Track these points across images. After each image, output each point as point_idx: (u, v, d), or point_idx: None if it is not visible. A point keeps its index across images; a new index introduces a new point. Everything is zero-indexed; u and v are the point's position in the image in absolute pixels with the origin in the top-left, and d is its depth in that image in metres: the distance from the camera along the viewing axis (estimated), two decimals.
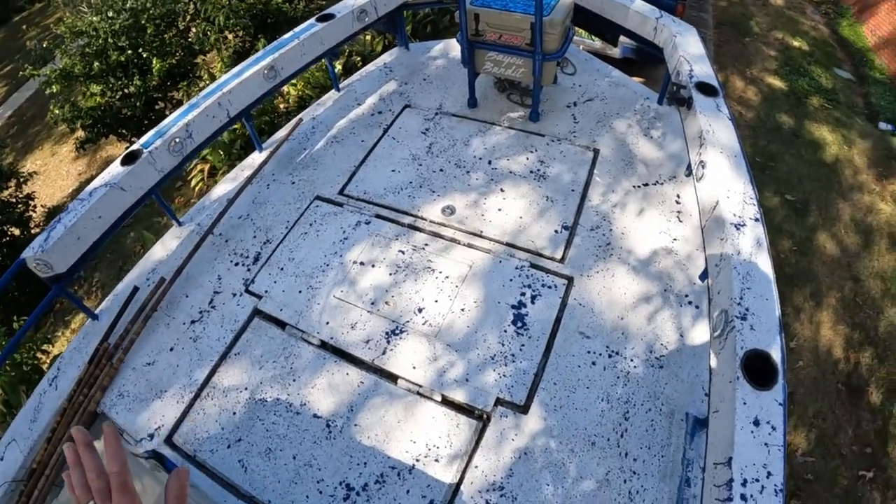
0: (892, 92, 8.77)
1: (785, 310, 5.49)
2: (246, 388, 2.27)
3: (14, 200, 7.21)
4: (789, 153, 7.32)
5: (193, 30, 7.49)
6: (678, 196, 2.82)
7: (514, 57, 3.04)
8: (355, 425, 2.13)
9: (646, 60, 7.06)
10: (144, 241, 6.42)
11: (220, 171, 6.42)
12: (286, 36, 3.26)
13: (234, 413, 2.21)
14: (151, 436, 2.18)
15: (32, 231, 7.28)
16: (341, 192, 3.02)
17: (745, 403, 1.56)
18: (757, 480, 1.42)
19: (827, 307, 5.60)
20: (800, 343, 5.30)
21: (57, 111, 6.91)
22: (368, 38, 6.85)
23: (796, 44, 9.64)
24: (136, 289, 2.62)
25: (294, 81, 6.37)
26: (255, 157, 3.28)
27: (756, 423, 1.52)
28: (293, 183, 3.10)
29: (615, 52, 7.05)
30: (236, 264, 2.73)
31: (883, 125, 7.99)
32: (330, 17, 3.36)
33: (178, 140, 2.72)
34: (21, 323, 5.61)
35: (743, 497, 1.40)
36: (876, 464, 4.63)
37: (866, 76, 9.19)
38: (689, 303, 2.40)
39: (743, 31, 9.74)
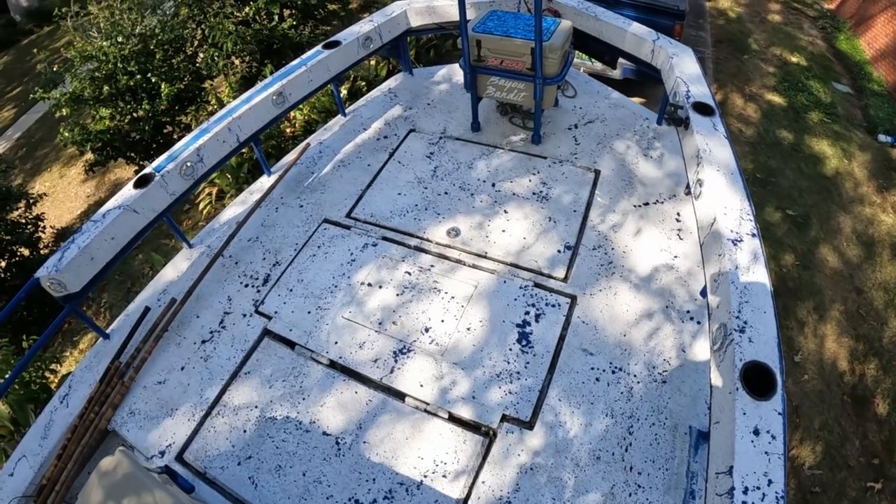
0: (890, 104, 8.81)
1: (788, 323, 5.50)
2: (256, 407, 2.32)
3: (24, 221, 7.25)
4: (789, 168, 7.35)
5: (201, 55, 7.56)
6: (678, 214, 2.88)
7: (515, 81, 3.12)
8: (364, 442, 2.17)
9: (646, 80, 7.13)
10: (153, 263, 6.46)
11: (227, 194, 6.48)
12: (294, 63, 3.35)
13: (245, 431, 2.25)
14: (163, 453, 2.22)
15: (42, 252, 7.34)
16: (348, 215, 3.08)
17: (744, 414, 1.61)
18: (758, 488, 1.47)
19: (831, 320, 5.60)
20: (804, 356, 5.29)
21: (67, 134, 6.97)
22: (373, 63, 6.95)
23: (794, 59, 9.70)
24: (147, 309, 2.67)
25: (301, 107, 6.46)
26: (264, 181, 3.34)
27: (756, 432, 1.57)
28: (301, 206, 3.16)
29: (615, 73, 7.13)
30: (246, 286, 2.78)
31: (882, 137, 8.02)
32: (336, 43, 3.45)
33: (189, 164, 2.79)
34: (30, 342, 5.63)
35: None
36: (884, 475, 4.59)
37: (864, 89, 9.23)
38: (691, 318, 2.44)
39: (741, 48, 9.81)
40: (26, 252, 7.13)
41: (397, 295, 2.66)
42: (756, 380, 1.68)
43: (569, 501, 1.98)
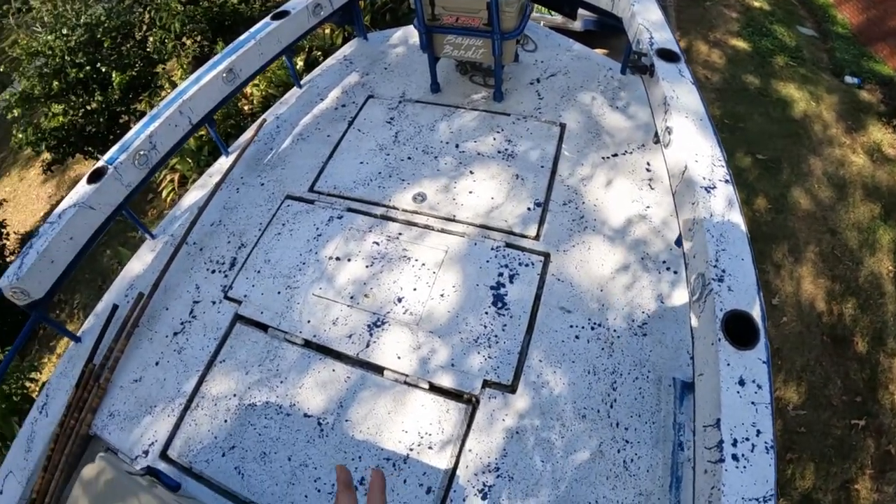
0: (855, 46, 8.85)
1: (765, 267, 5.55)
2: (235, 395, 2.26)
3: None
4: (757, 113, 7.36)
5: (151, 39, 7.37)
6: (648, 164, 2.83)
7: (472, 38, 3.02)
8: (346, 421, 2.13)
9: (608, 31, 7.04)
10: (121, 258, 6.34)
11: (189, 179, 6.32)
12: (243, 37, 3.21)
13: (226, 421, 2.20)
14: (146, 452, 2.17)
15: (8, 259, 7.15)
16: (311, 189, 2.99)
17: (728, 364, 1.57)
18: (747, 439, 1.43)
19: (806, 262, 5.67)
20: (782, 299, 5.36)
21: (20, 135, 6.77)
22: (328, 31, 6.77)
23: (757, 4, 9.68)
24: (115, 307, 2.58)
25: (256, 82, 6.31)
26: (223, 162, 3.24)
27: (741, 382, 1.53)
28: (262, 184, 3.07)
29: (576, 25, 7.02)
30: (213, 272, 2.70)
31: (849, 79, 8.07)
32: (285, 13, 3.32)
33: (142, 153, 2.68)
34: (6, 354, 5.53)
35: (734, 457, 1.41)
36: (867, 412, 4.70)
37: (829, 32, 9.26)
38: (668, 269, 2.41)
39: None
40: None
41: (367, 267, 2.59)
42: (738, 329, 1.64)
43: (557, 462, 1.95)
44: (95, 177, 2.53)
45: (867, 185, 6.44)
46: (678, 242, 2.45)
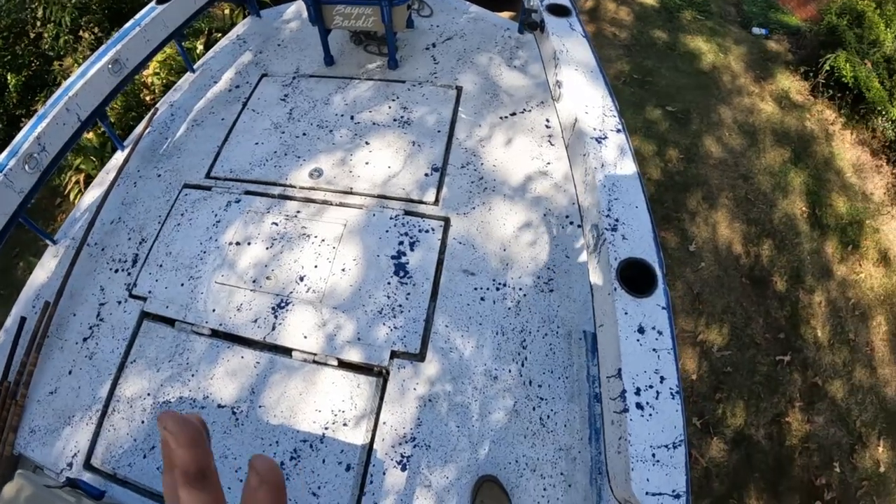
0: None
1: (680, 216, 5.71)
2: (149, 394, 2.22)
3: None
4: (666, 67, 7.50)
5: (45, 35, 6.94)
6: (547, 120, 2.84)
7: (361, 7, 2.96)
8: (260, 407, 2.11)
9: None
10: (32, 269, 6.00)
11: (95, 178, 6.04)
12: (128, 24, 3.08)
13: (143, 422, 2.16)
14: (70, 465, 2.12)
15: None
16: (208, 176, 2.90)
17: (626, 313, 1.60)
18: (651, 387, 1.46)
19: (721, 207, 5.86)
20: (699, 245, 5.53)
21: None
22: (227, 11, 6.54)
23: None
24: (23, 319, 2.48)
25: (156, 70, 6.08)
26: (118, 157, 3.11)
27: (641, 330, 1.56)
28: (159, 175, 2.96)
29: None
30: (116, 271, 2.61)
31: (756, 30, 8.30)
32: None
33: (32, 155, 2.57)
34: None
35: (639, 406, 1.44)
36: (791, 347, 4.92)
37: None
38: (571, 223, 2.44)
39: None
40: None
41: (267, 248, 2.54)
42: (636, 277, 1.67)
43: (473, 426, 1.98)
44: None
45: (777, 131, 6.68)
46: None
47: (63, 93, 2.75)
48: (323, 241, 2.52)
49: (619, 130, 2.10)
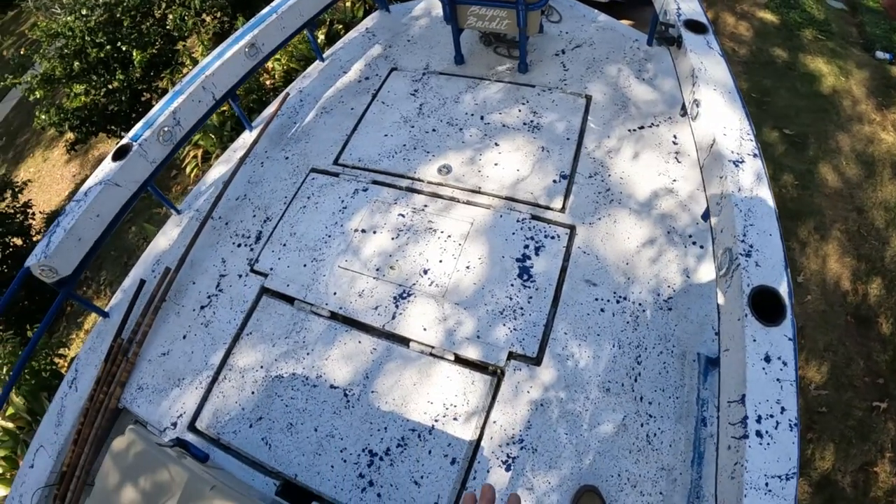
0: (886, 20, 8.54)
1: (790, 244, 5.45)
2: (262, 367, 2.30)
3: (12, 211, 7.17)
4: (784, 87, 7.16)
5: (170, 17, 7.35)
6: (675, 137, 2.79)
7: (496, 9, 2.97)
8: (372, 392, 2.16)
9: (633, 2, 6.86)
10: (146, 234, 6.40)
11: (213, 154, 6.32)
12: (264, 11, 3.21)
13: (253, 392, 2.24)
14: (174, 424, 2.22)
15: (34, 239, 7.26)
16: (336, 162, 2.99)
17: (754, 340, 1.55)
18: (771, 416, 1.42)
19: (832, 240, 5.54)
20: (807, 277, 5.26)
21: (43, 116, 6.82)
22: (349, 4, 6.71)
23: None
24: (142, 282, 2.63)
25: (278, 56, 6.28)
26: (246, 137, 3.26)
27: (767, 359, 1.52)
28: (287, 158, 3.08)
29: None
30: (238, 245, 2.73)
31: (880, 54, 7.78)
32: None
33: (166, 129, 2.70)
34: (35, 331, 5.64)
35: (758, 433, 1.40)
36: (888, 394, 4.59)
37: (859, 5, 8.95)
38: (693, 243, 2.39)
39: None
40: (19, 241, 7.09)
41: (392, 239, 2.60)
42: (764, 305, 1.62)
43: (581, 435, 1.96)
44: (120, 154, 2.56)
45: None
46: (705, 217, 2.42)
47: (200, 71, 2.89)
48: (449, 237, 2.56)
49: (755, 155, 2.03)
